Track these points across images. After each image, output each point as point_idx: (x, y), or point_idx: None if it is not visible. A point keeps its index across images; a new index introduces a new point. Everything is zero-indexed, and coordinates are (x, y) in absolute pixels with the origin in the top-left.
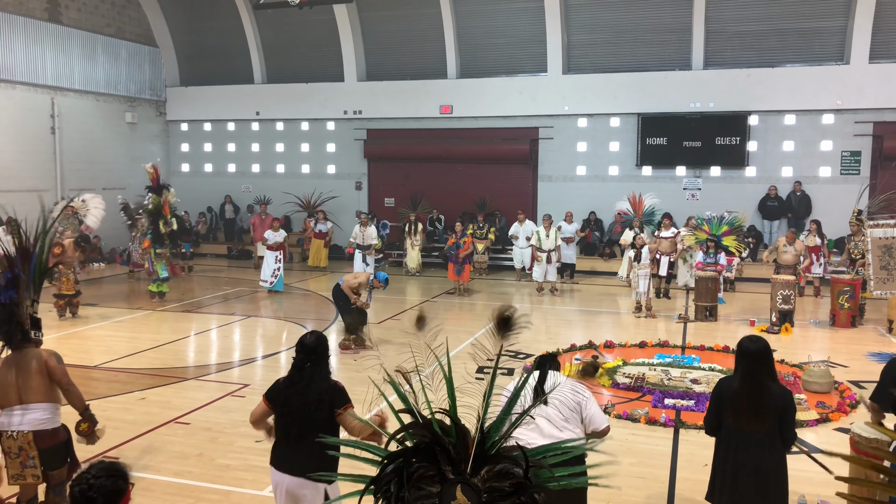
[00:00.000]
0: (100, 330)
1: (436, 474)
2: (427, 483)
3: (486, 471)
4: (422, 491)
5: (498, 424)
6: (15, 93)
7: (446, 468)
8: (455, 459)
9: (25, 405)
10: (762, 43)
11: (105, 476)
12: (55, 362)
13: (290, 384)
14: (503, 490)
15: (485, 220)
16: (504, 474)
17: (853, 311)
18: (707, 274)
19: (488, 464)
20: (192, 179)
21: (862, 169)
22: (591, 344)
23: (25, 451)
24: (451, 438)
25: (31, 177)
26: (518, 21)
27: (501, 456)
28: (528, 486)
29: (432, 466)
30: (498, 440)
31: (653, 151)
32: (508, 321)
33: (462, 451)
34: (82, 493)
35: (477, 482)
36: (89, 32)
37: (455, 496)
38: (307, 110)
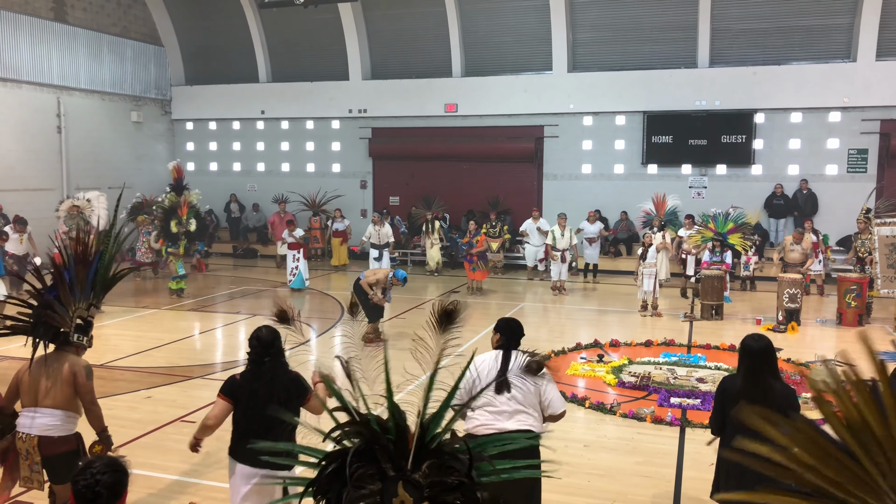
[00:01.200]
0: (105, 329)
1: (376, 472)
2: (367, 481)
3: (427, 466)
4: (362, 490)
5: (438, 418)
6: (21, 92)
7: (386, 465)
8: (395, 456)
9: (38, 408)
10: (768, 40)
11: (111, 471)
12: (83, 379)
13: (253, 379)
14: (446, 484)
15: (497, 218)
16: (446, 469)
17: (860, 309)
18: (713, 272)
19: (429, 458)
20: (198, 178)
21: (869, 167)
22: (597, 343)
23: (31, 455)
24: (390, 435)
25: (37, 176)
26: (523, 19)
27: (442, 450)
28: (470, 482)
29: (372, 465)
30: (438, 434)
31: (658, 150)
32: (451, 315)
33: (403, 447)
34: (89, 487)
35: (418, 478)
36: (95, 32)
37: (396, 493)
38: (312, 109)
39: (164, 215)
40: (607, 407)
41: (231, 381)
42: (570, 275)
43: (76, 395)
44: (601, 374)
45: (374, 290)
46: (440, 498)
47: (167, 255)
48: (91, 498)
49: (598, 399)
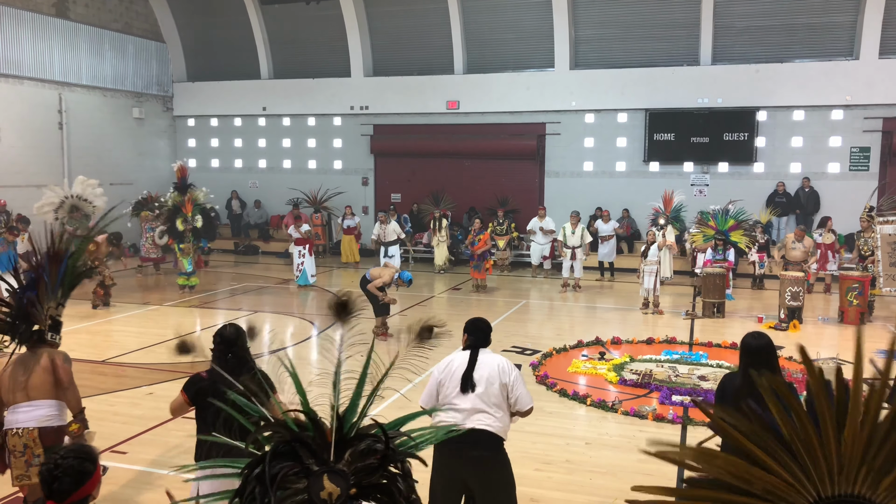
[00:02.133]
0: (108, 325)
1: (300, 469)
2: (293, 480)
3: (349, 454)
4: (288, 489)
5: (353, 407)
6: (23, 88)
7: (309, 461)
8: (316, 451)
9: (32, 402)
10: (771, 38)
11: (73, 457)
12: (61, 361)
13: (217, 378)
14: (369, 467)
15: (505, 216)
16: (367, 452)
17: (862, 307)
18: (715, 270)
19: (350, 446)
20: (199, 175)
21: (871, 165)
22: (599, 340)
23: (31, 448)
24: (308, 432)
25: (38, 172)
26: (525, 16)
27: (362, 436)
28: (392, 455)
29: (295, 463)
30: (355, 422)
31: (660, 147)
32: (345, 306)
33: (322, 441)
34: (49, 471)
35: (342, 467)
36: (97, 28)
37: (323, 486)
38: (314, 106)
39: (169, 214)
40: (609, 405)
41: (194, 378)
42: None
43: (56, 381)
44: (603, 372)
45: (383, 293)
46: (366, 481)
47: (180, 251)
48: (49, 481)
49: (600, 397)
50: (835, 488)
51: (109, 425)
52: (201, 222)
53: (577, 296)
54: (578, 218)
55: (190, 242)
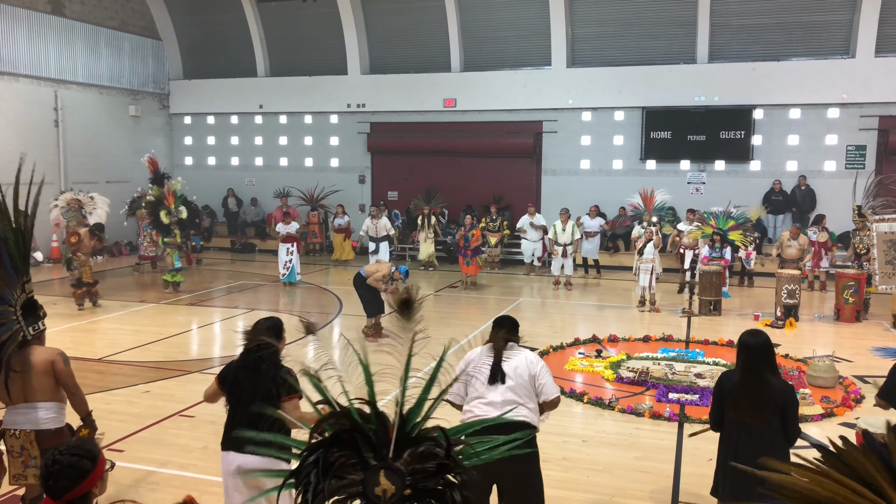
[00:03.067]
0: (104, 323)
1: (358, 462)
2: (349, 471)
3: (408, 454)
4: (344, 480)
5: (418, 407)
6: (18, 86)
7: (368, 455)
8: (376, 445)
9: (29, 403)
10: (767, 36)
11: (70, 454)
12: (62, 365)
13: (241, 367)
14: (427, 471)
15: (497, 213)
16: (426, 455)
17: (858, 305)
18: (711, 268)
19: (410, 446)
20: (196, 173)
21: (867, 163)
22: (595, 338)
23: (27, 450)
24: (371, 425)
25: (33, 170)
26: (522, 14)
27: (423, 437)
28: (451, 465)
29: (354, 454)
30: (418, 422)
31: (657, 145)
32: (409, 303)
33: (383, 436)
34: (46, 468)
35: (400, 466)
36: (93, 25)
37: (378, 482)
38: (310, 103)
39: (152, 209)
40: (605, 402)
41: (226, 367)
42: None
43: (58, 384)
44: (599, 370)
45: (386, 285)
46: (421, 484)
47: (164, 245)
48: (46, 478)
49: (597, 394)
50: None
51: (106, 423)
52: (186, 213)
53: (571, 293)
54: (569, 215)
55: (177, 236)
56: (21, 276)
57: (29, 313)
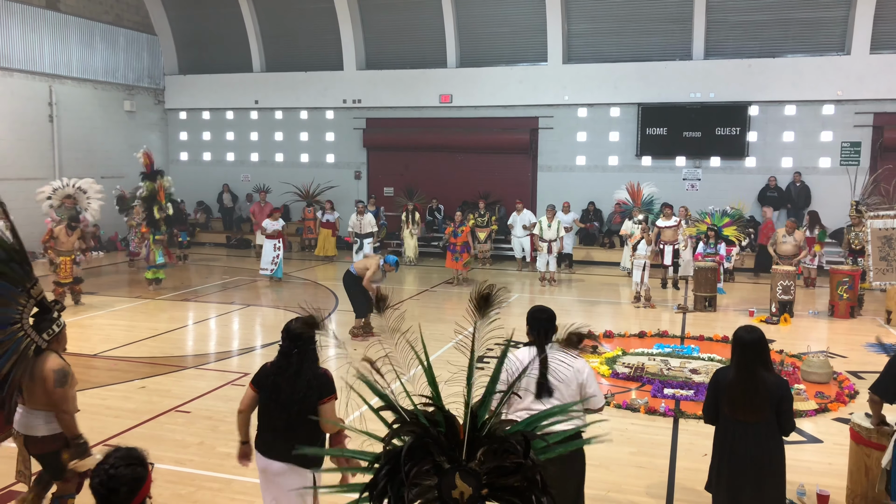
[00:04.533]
0: (99, 318)
1: (431, 467)
2: (424, 477)
3: (481, 453)
4: (418, 487)
5: (485, 404)
6: (12, 80)
7: (441, 458)
8: (448, 448)
9: (27, 408)
10: (763, 33)
11: (124, 465)
12: (52, 385)
13: (278, 371)
14: (504, 468)
15: (486, 208)
16: (501, 453)
17: (852, 301)
18: (706, 264)
19: (482, 446)
20: (191, 168)
21: (862, 160)
22: (591, 334)
23: (21, 452)
24: (440, 427)
25: (29, 165)
26: (518, 10)
27: (495, 436)
28: (530, 463)
29: (426, 460)
30: (487, 420)
31: (653, 141)
32: (488, 299)
33: (453, 437)
34: (103, 484)
35: (474, 466)
36: (87, 20)
37: (455, 484)
38: (306, 99)
39: (145, 204)
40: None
41: (261, 370)
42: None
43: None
44: (595, 365)
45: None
46: (499, 483)
47: (155, 242)
48: (106, 494)
49: None
50: None
51: (102, 419)
52: (172, 209)
53: (561, 289)
54: (554, 212)
55: (164, 233)
56: (25, 284)
57: (41, 318)
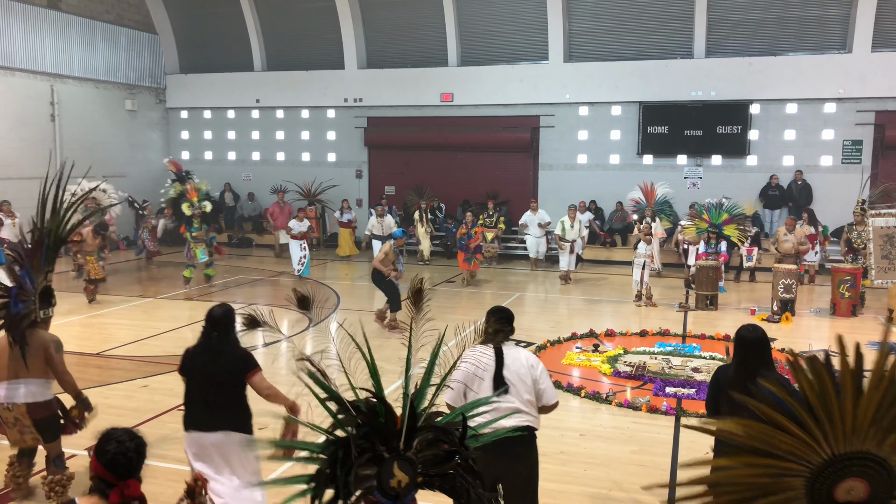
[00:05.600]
0: (102, 317)
1: (372, 456)
2: (364, 467)
3: (418, 442)
4: (358, 476)
5: (421, 395)
6: (14, 80)
7: (381, 448)
8: (387, 437)
9: (20, 379)
10: (764, 31)
11: (131, 438)
12: (53, 351)
13: (202, 352)
14: (437, 457)
15: (494, 208)
16: (436, 442)
17: (854, 300)
18: (708, 263)
19: (418, 435)
20: (192, 167)
21: (863, 158)
22: (592, 332)
23: (20, 420)
24: (380, 418)
25: (30, 164)
26: (519, 9)
27: (430, 425)
28: (462, 450)
29: (368, 449)
30: (423, 410)
31: (654, 140)
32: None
33: (393, 428)
34: (121, 454)
35: (411, 455)
36: (88, 19)
37: (393, 473)
38: (307, 98)
39: (172, 203)
40: (603, 396)
41: (183, 357)
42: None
43: (47, 365)
44: (597, 364)
45: (390, 269)
46: (434, 470)
47: (193, 239)
48: (125, 463)
49: (594, 388)
50: (847, 446)
51: (104, 418)
52: (210, 207)
53: (568, 289)
54: (576, 211)
55: (202, 229)
56: (49, 265)
57: (44, 299)
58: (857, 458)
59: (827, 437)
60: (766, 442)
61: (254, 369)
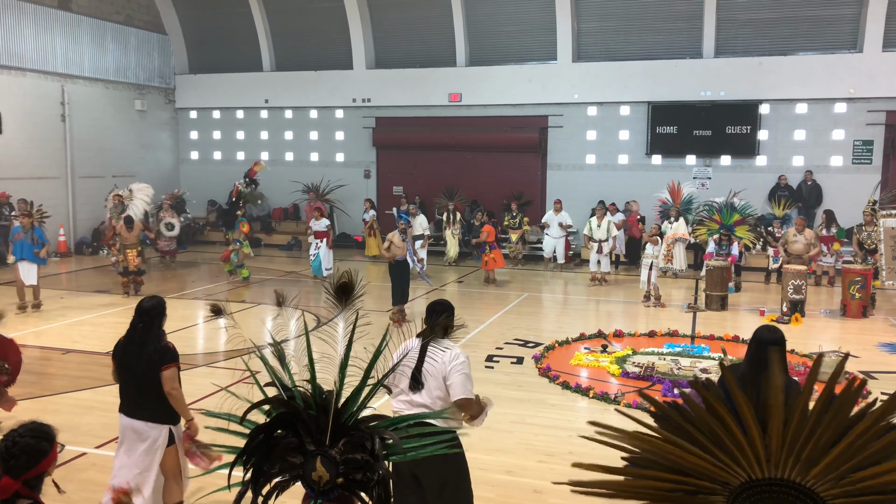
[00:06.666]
0: (111, 317)
1: (298, 446)
2: (291, 454)
3: (343, 442)
4: (285, 462)
5: (355, 396)
6: (25, 80)
7: (307, 440)
8: (315, 431)
9: None
10: (774, 31)
11: (30, 436)
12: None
13: (127, 342)
14: (357, 461)
15: (518, 209)
16: (357, 446)
17: (864, 301)
18: (718, 263)
19: (345, 435)
20: (201, 167)
21: (874, 158)
22: (601, 333)
23: None
24: (311, 410)
25: (41, 164)
26: (528, 8)
27: (357, 428)
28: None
29: (294, 439)
30: (354, 411)
31: (663, 140)
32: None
33: (323, 423)
34: (7, 448)
35: (335, 454)
36: (99, 20)
37: (315, 468)
38: (316, 98)
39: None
40: (611, 397)
41: (116, 344)
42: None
43: None
44: (605, 364)
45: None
46: (353, 475)
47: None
48: (7, 458)
49: (602, 389)
50: (765, 472)
51: (113, 416)
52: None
53: (577, 289)
54: (605, 211)
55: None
56: None
57: None
58: (777, 486)
59: (738, 461)
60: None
61: (168, 364)
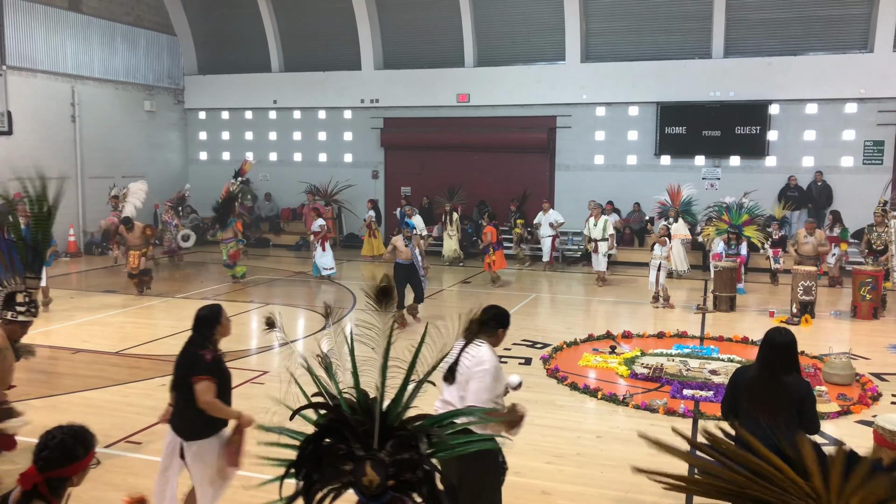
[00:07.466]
0: (119, 317)
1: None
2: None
3: (391, 444)
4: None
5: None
6: (36, 81)
7: (356, 446)
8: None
9: None
10: (784, 30)
11: (70, 436)
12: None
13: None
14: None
15: (517, 209)
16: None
17: (875, 302)
18: (727, 264)
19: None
20: (210, 167)
21: (885, 159)
22: (609, 334)
23: None
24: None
25: (51, 165)
26: (536, 9)
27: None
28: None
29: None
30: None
31: (672, 140)
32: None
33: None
34: (45, 441)
35: (383, 457)
36: (109, 21)
37: (365, 472)
38: (324, 99)
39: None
40: (620, 398)
41: None
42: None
43: None
44: (613, 366)
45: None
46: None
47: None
48: (41, 448)
49: (611, 390)
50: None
51: (123, 416)
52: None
53: (582, 290)
54: (601, 210)
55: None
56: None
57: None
58: None
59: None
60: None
61: (198, 375)
